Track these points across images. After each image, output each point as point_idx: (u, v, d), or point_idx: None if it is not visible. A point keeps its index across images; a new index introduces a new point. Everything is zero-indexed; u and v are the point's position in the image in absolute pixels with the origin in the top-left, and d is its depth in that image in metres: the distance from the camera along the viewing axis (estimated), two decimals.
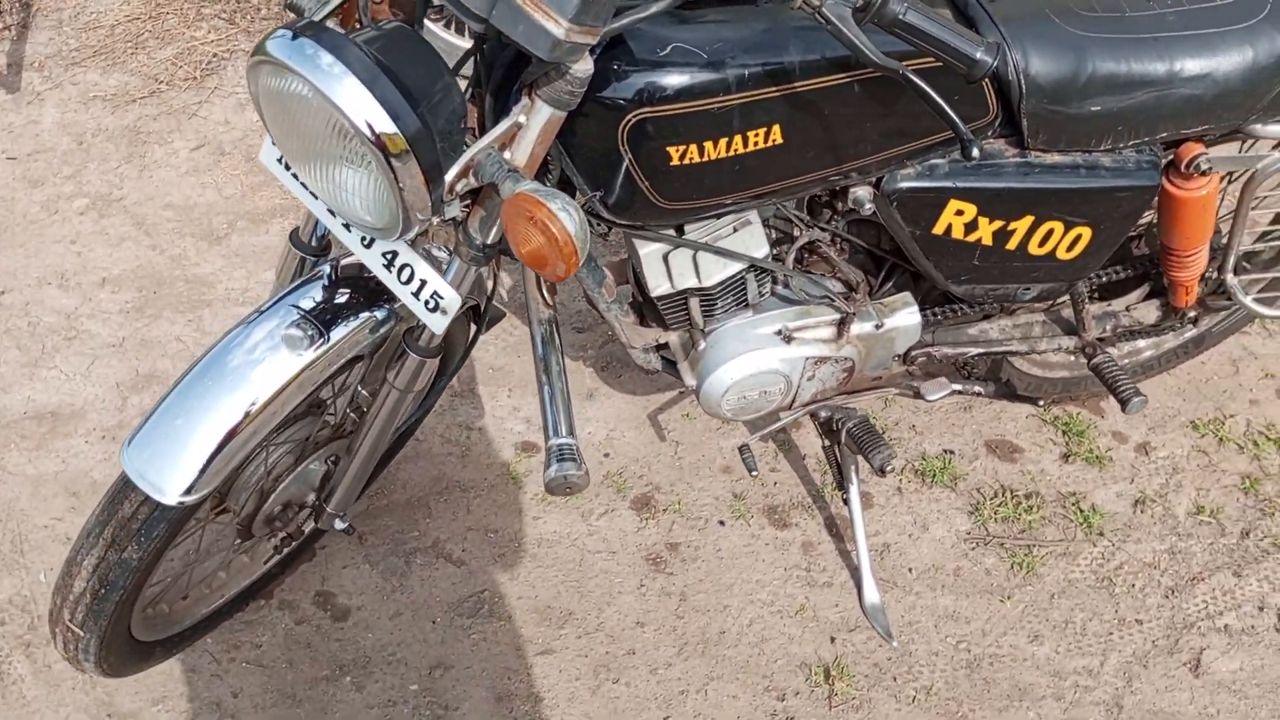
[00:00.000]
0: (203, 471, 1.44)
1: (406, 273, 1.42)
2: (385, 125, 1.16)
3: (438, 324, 1.44)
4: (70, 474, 2.32)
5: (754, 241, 1.73)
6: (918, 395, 2.01)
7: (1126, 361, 2.42)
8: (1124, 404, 1.98)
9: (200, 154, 3.05)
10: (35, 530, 2.23)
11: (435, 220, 1.29)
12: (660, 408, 2.47)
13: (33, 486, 2.29)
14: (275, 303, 1.55)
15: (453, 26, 3.06)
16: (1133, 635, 2.16)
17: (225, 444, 1.45)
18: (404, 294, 1.43)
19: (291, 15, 1.33)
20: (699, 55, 1.40)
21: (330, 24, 1.31)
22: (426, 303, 1.42)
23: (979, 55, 1.29)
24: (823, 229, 1.80)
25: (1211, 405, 2.54)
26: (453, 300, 1.42)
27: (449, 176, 1.24)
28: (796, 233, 1.81)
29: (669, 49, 1.39)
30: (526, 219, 1.20)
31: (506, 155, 1.33)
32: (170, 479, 1.44)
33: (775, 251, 1.81)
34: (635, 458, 2.38)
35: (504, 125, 1.29)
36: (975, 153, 1.30)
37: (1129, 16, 1.66)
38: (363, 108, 1.15)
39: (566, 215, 1.21)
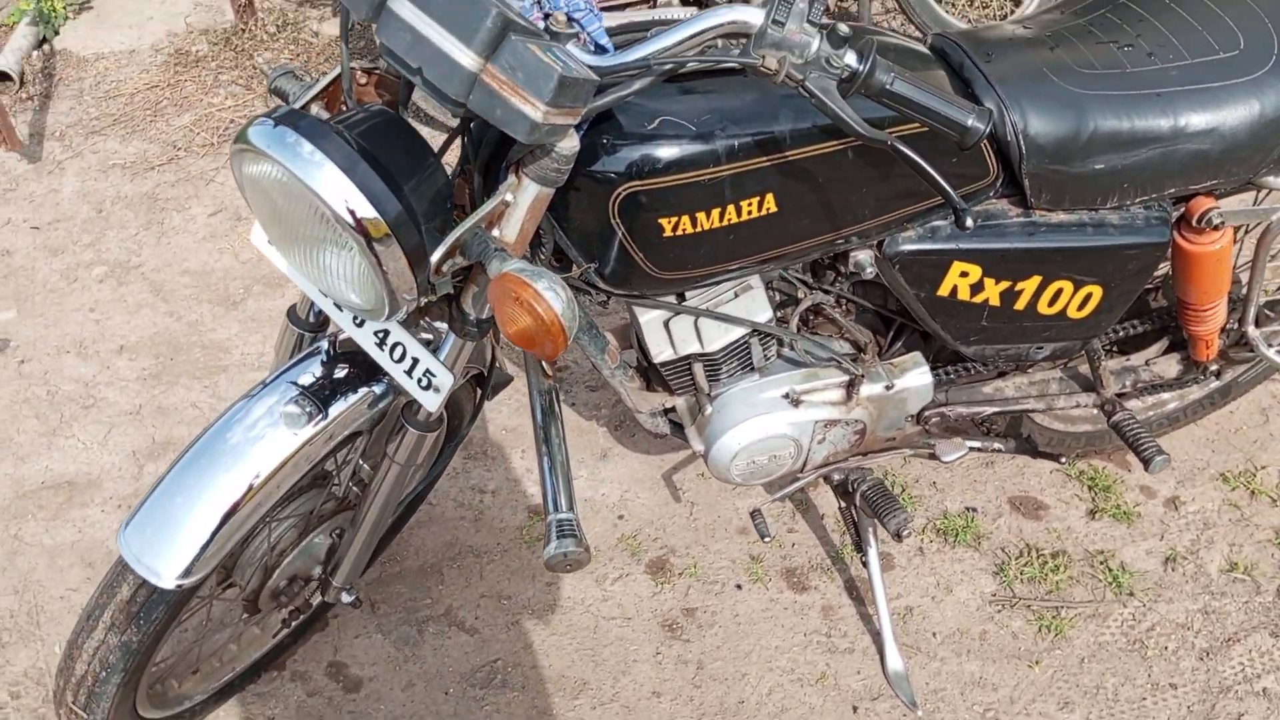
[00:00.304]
0: (199, 555, 1.43)
1: (398, 351, 1.41)
2: (366, 211, 1.16)
3: (431, 402, 1.43)
4: (86, 544, 2.33)
5: (756, 306, 1.71)
6: (934, 456, 1.97)
7: (1151, 414, 2.37)
8: (1146, 463, 1.92)
9: (217, 219, 3.09)
10: (51, 601, 2.23)
11: (423, 300, 1.28)
12: (675, 467, 2.44)
13: (49, 557, 2.30)
14: (274, 380, 1.55)
15: None
16: (1167, 701, 2.08)
17: (223, 525, 1.44)
18: (396, 372, 1.42)
19: (277, 100, 1.34)
20: (688, 127, 1.39)
21: (315, 108, 1.32)
22: (419, 381, 1.41)
23: (970, 122, 1.27)
24: (826, 291, 1.78)
25: (1242, 456, 2.48)
26: (445, 379, 1.40)
27: (435, 257, 1.23)
28: (800, 295, 1.79)
29: (657, 121, 1.38)
30: (513, 299, 1.19)
31: (495, 233, 1.33)
32: (166, 563, 1.43)
33: (779, 314, 1.79)
34: (650, 520, 2.35)
35: (490, 204, 1.28)
36: (970, 222, 1.27)
37: (1130, 72, 1.63)
38: (342, 194, 1.15)
39: (553, 295, 1.19)
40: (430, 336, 1.48)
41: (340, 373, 1.55)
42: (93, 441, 2.54)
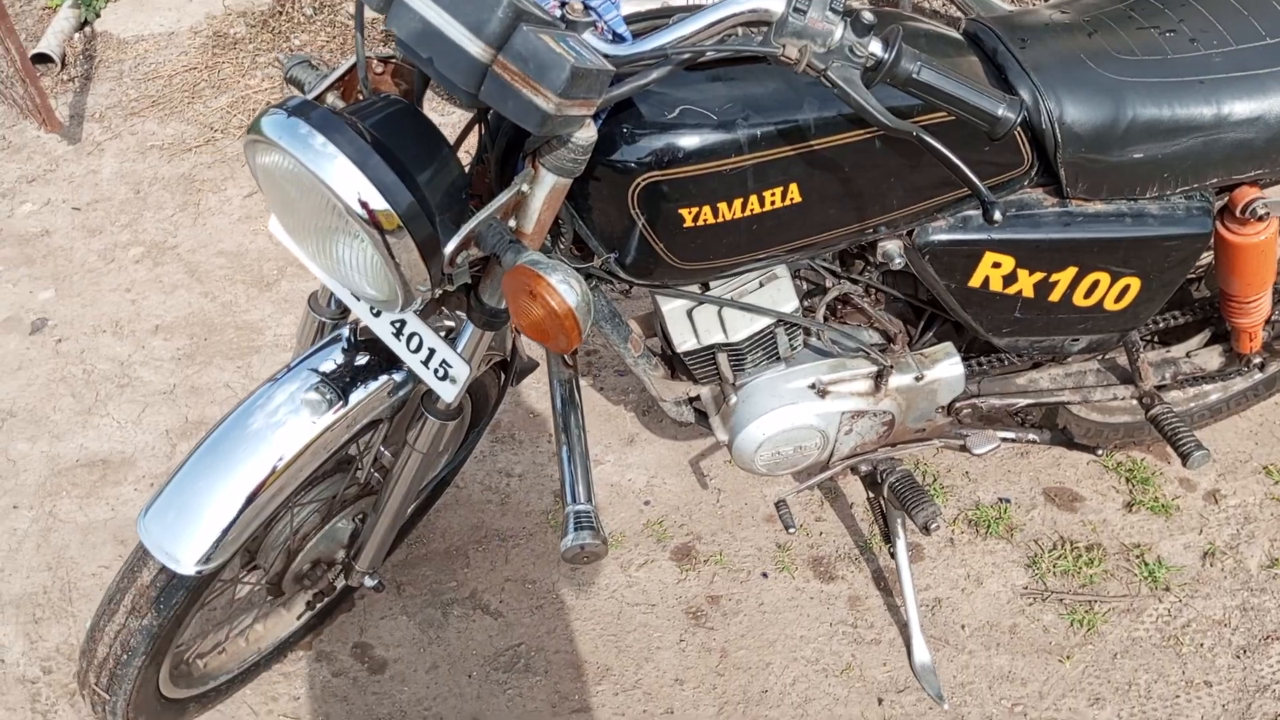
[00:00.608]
0: (219, 541, 1.44)
1: (415, 341, 1.40)
2: (378, 203, 1.14)
3: (448, 392, 1.42)
4: (119, 522, 2.35)
5: (782, 296, 1.68)
6: (965, 449, 1.93)
7: (1193, 406, 2.31)
8: (1185, 459, 1.87)
9: (252, 201, 3.10)
10: (84, 578, 2.26)
11: (438, 292, 1.27)
12: (702, 454, 2.42)
13: (83, 534, 2.33)
14: (294, 367, 1.55)
15: None
16: (1201, 699, 2.04)
17: (243, 511, 1.45)
18: (413, 362, 1.41)
19: (294, 90, 1.33)
20: (709, 116, 1.36)
21: (331, 97, 1.31)
22: (436, 371, 1.40)
23: (1001, 112, 1.23)
24: (855, 281, 1.74)
25: None
26: (461, 370, 1.39)
27: (449, 249, 1.22)
28: (828, 284, 1.76)
29: (678, 110, 1.36)
30: (526, 293, 1.17)
31: (512, 224, 1.31)
32: (185, 549, 1.44)
33: (806, 304, 1.76)
34: (676, 506, 2.34)
35: (506, 195, 1.26)
36: (998, 216, 1.23)
37: (1171, 59, 1.58)
38: (354, 186, 1.14)
39: (567, 288, 1.18)
40: (452, 324, 1.47)
41: (361, 360, 1.55)
42: (127, 420, 2.57)
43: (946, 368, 1.83)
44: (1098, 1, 1.70)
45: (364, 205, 1.14)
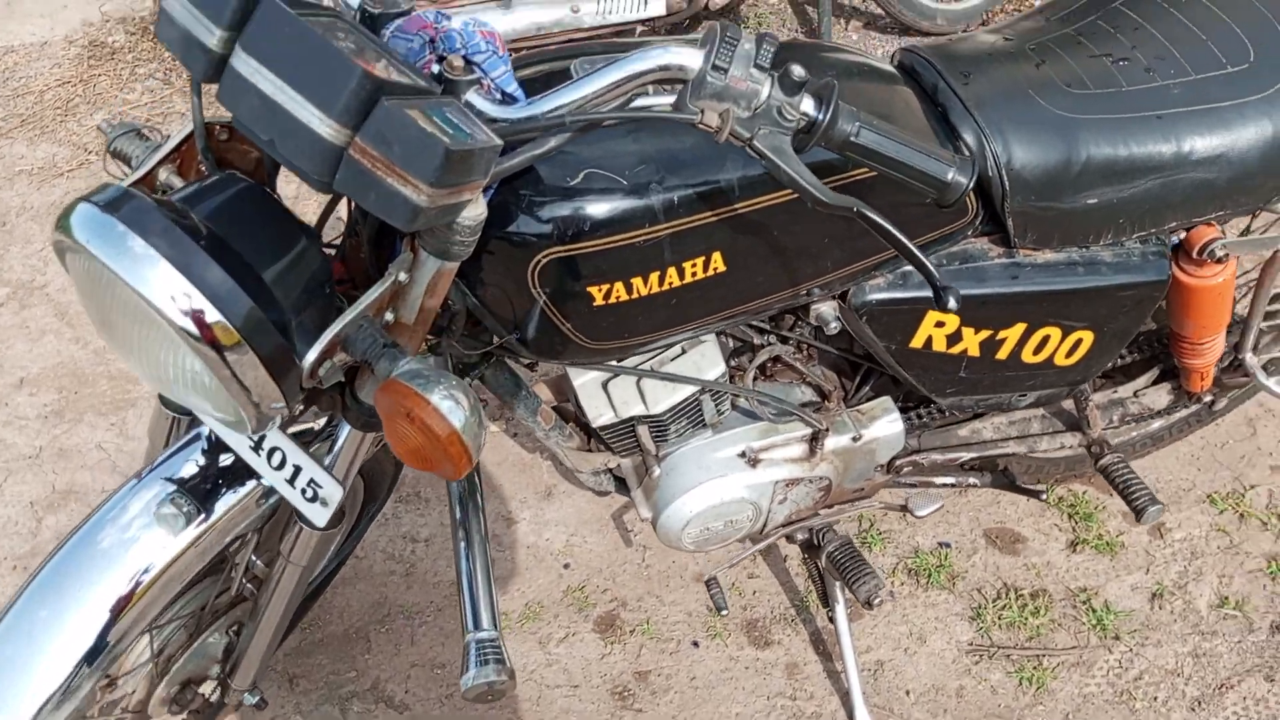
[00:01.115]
0: (49, 702, 1.22)
1: (276, 457, 1.19)
2: (210, 315, 0.93)
3: (319, 517, 1.22)
4: None
5: (707, 361, 1.51)
6: (906, 510, 1.78)
7: (1135, 434, 2.19)
8: (1139, 514, 1.75)
9: None
10: None
11: (297, 409, 1.06)
12: (624, 507, 2.24)
13: None
14: (147, 474, 1.33)
15: None
16: None
17: (80, 667, 1.23)
18: (276, 481, 1.20)
19: (118, 166, 1.11)
20: (618, 180, 1.18)
21: (166, 172, 1.09)
22: (304, 491, 1.20)
23: (950, 176, 1.07)
24: (785, 339, 1.57)
25: (1229, 475, 2.32)
26: (333, 491, 1.19)
27: (308, 360, 1.01)
28: (757, 341, 1.59)
29: (581, 174, 1.17)
30: (403, 415, 0.98)
31: (389, 316, 1.11)
32: (11, 705, 1.21)
33: (734, 363, 1.59)
34: (598, 568, 2.16)
35: (379, 288, 1.06)
36: (953, 304, 1.07)
37: (1126, 91, 1.44)
38: (180, 297, 0.92)
39: (451, 405, 0.98)
40: (319, 424, 1.27)
41: (224, 462, 1.33)
42: None
43: (885, 425, 1.67)
44: (1041, 25, 1.56)
45: (194, 318, 0.93)
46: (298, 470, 1.19)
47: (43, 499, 2.29)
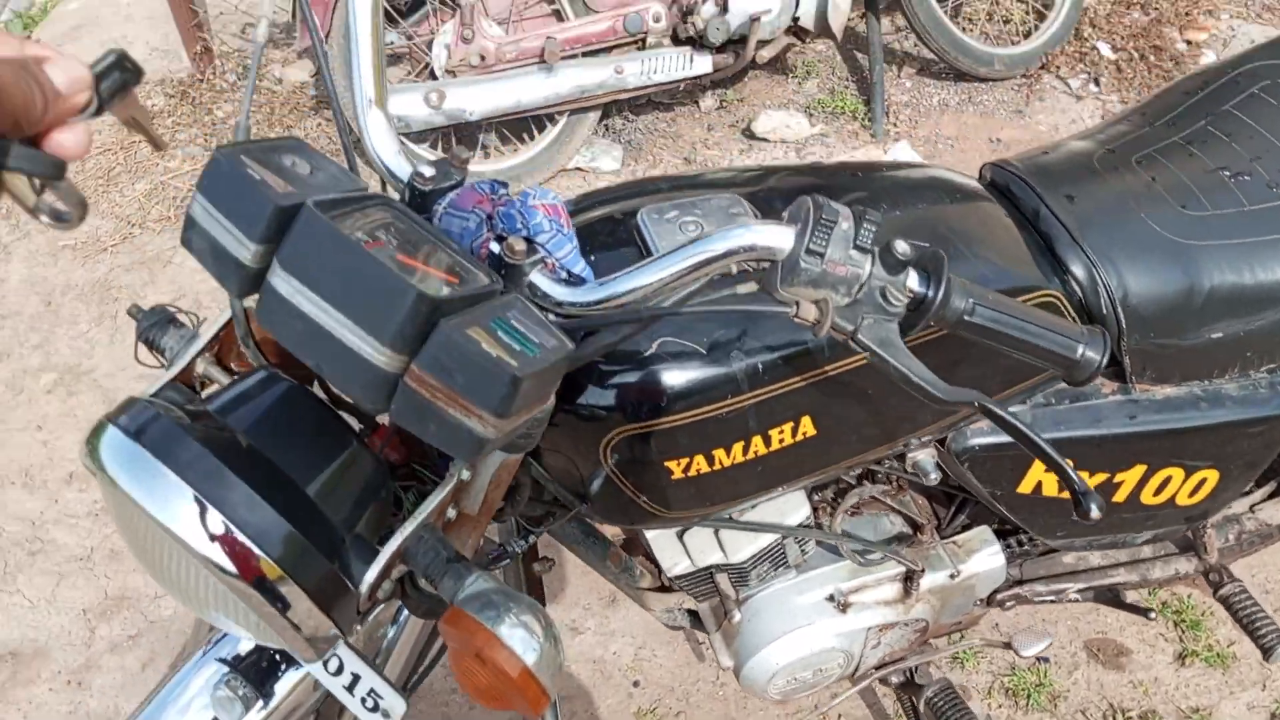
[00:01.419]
0: None
1: (334, 664, 1.09)
2: (247, 550, 0.83)
3: None
4: None
5: (790, 505, 1.39)
6: (1010, 647, 1.64)
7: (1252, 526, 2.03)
8: (1267, 653, 1.59)
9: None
10: None
11: (357, 632, 0.96)
12: None
13: None
14: (198, 658, 1.23)
15: None
16: None
17: None
18: (334, 687, 1.10)
19: (150, 357, 1.02)
20: (695, 350, 1.06)
21: (203, 364, 1.00)
22: (364, 700, 1.09)
23: (1080, 354, 0.94)
24: (876, 481, 1.45)
25: None
26: (395, 704, 1.08)
27: (366, 581, 0.91)
28: (844, 478, 1.46)
29: (656, 344, 1.06)
30: (471, 654, 0.87)
31: (451, 513, 1.00)
32: None
33: (817, 497, 1.47)
34: (669, 686, 2.04)
35: (440, 493, 0.96)
36: (1095, 513, 0.94)
37: (1250, 210, 1.29)
38: (214, 533, 0.82)
39: (524, 637, 0.87)
40: (381, 606, 1.16)
41: None
42: (40, 598, 2.25)
43: (985, 559, 1.54)
44: (1144, 133, 1.41)
45: (231, 554, 0.83)
46: (356, 678, 1.09)
47: (95, 606, 2.23)
